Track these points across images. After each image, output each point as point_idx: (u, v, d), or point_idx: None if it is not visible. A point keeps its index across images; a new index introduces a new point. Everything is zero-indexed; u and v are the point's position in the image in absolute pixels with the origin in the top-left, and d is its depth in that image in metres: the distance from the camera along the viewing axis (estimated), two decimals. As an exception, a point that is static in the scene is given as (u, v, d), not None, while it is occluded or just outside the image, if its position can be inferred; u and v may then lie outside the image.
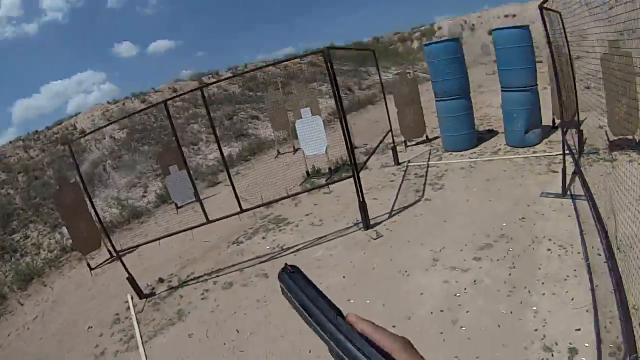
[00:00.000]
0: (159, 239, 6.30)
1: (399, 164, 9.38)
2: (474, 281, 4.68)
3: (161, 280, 6.59)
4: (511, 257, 4.92)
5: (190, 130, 15.06)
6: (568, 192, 5.92)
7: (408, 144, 10.34)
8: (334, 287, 5.20)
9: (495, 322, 4.00)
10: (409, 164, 9.17)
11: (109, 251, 8.01)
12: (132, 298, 6.24)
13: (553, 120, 8.87)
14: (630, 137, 6.84)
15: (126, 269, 6.02)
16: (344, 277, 5.45)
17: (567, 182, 5.98)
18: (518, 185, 6.70)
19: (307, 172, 9.82)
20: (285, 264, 0.61)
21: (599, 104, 7.13)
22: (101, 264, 8.11)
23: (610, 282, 3.89)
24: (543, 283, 4.34)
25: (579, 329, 3.63)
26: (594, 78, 7.00)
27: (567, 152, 6.04)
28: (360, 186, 6.41)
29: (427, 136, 10.39)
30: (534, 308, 4.04)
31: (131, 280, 6.05)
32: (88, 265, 7.89)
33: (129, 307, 6.08)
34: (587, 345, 3.47)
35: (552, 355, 3.46)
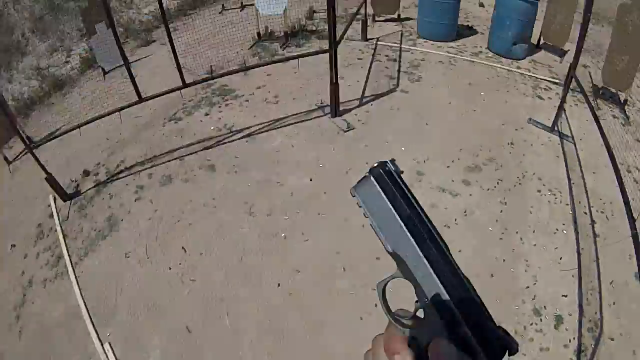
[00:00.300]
0: (78, 126, 5.08)
1: (367, 40, 8.09)
2: (465, 212, 4.35)
3: (86, 173, 5.48)
4: (502, 190, 4.63)
5: None
6: (556, 129, 5.56)
7: (376, 18, 8.94)
8: (298, 192, 4.59)
9: (489, 270, 3.86)
10: (379, 43, 7.97)
11: (23, 140, 6.74)
12: (54, 200, 5.16)
13: (539, 39, 7.81)
14: (617, 91, 6.28)
15: (43, 167, 4.89)
16: (310, 179, 4.75)
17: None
18: (504, 102, 6.14)
19: (259, 33, 8.16)
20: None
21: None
22: (19, 154, 6.83)
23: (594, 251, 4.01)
24: (534, 231, 4.21)
25: (566, 296, 3.66)
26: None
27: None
28: (336, 64, 5.34)
29: (399, 15, 8.92)
30: (526, 260, 3.95)
31: (51, 180, 4.93)
32: (5, 159, 6.61)
33: (52, 215, 5.03)
34: (570, 315, 3.53)
35: (541, 321, 3.49)
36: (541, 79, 6.87)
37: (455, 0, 7.90)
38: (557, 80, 6.74)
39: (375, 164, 0.50)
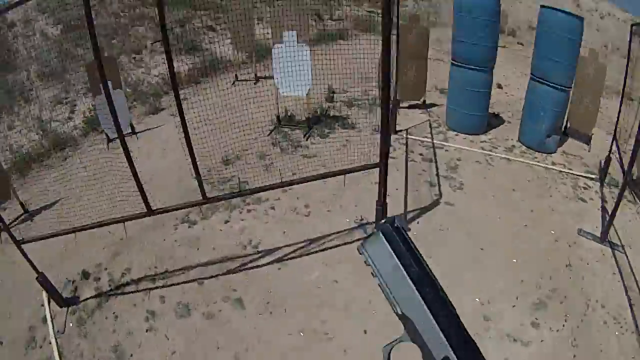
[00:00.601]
0: (74, 231, 4.29)
1: (396, 132, 7.45)
2: (540, 364, 3.73)
3: (86, 276, 4.71)
4: (570, 329, 4.14)
5: (134, 35, 12.44)
6: (607, 239, 5.17)
7: (400, 105, 8.23)
8: (353, 351, 3.86)
9: None
10: (409, 137, 7.41)
11: (22, 204, 6.07)
12: (48, 302, 4.40)
13: (565, 125, 7.45)
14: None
15: (33, 266, 4.14)
16: (365, 331, 4.01)
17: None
18: (550, 211, 5.69)
19: (278, 117, 7.40)
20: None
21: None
22: (13, 222, 6.14)
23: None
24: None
25: None
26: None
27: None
28: (386, 181, 4.72)
29: (424, 100, 8.46)
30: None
31: (43, 282, 4.18)
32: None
33: (46, 319, 4.27)
34: None
35: None
36: (578, 175, 6.53)
37: (487, 89, 7.47)
38: (593, 176, 6.47)
39: (384, 220, 0.52)
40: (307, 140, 7.08)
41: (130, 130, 6.67)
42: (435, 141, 7.24)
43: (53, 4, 11.96)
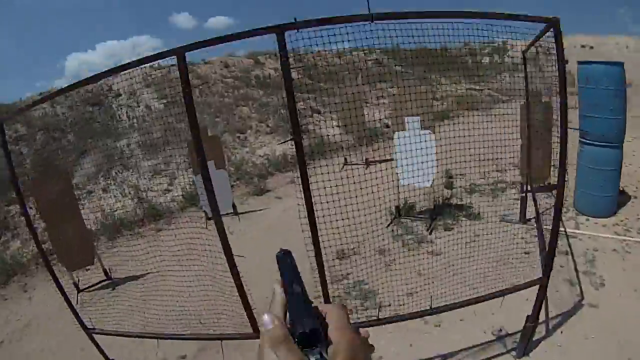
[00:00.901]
0: (155, 337, 3.85)
1: (526, 221, 6.61)
2: None
3: None
4: None
5: (238, 114, 12.78)
6: None
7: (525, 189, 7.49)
8: None
9: None
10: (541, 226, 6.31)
11: (105, 271, 5.88)
12: None
13: None
14: None
15: (103, 353, 3.80)
16: None
17: None
18: None
19: (397, 207, 6.81)
20: (281, 249, 0.72)
21: None
22: (91, 286, 5.96)
23: None
24: None
25: None
26: None
27: None
28: (543, 299, 3.85)
29: (549, 183, 7.44)
30: None
31: None
32: (75, 285, 5.76)
33: None
34: None
35: None
36: None
37: (619, 166, 6.57)
38: None
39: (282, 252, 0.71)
40: (430, 234, 6.41)
41: (232, 211, 6.42)
42: (567, 230, 6.26)
43: (158, 79, 12.72)
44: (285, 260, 0.69)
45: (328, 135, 11.90)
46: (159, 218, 7.47)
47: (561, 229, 6.12)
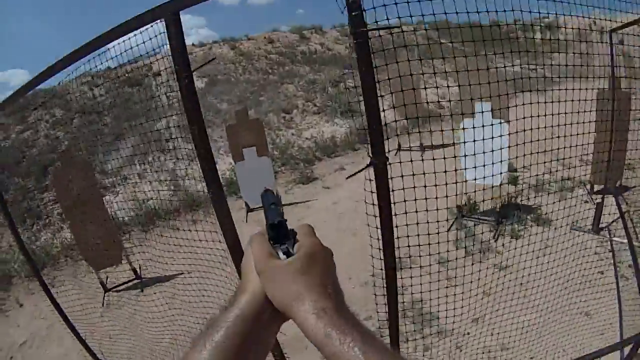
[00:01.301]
0: None
1: (599, 231, 5.61)
2: None
3: None
4: None
5: (284, 92, 11.97)
6: None
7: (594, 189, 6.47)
8: None
9: None
10: (614, 239, 5.48)
11: (134, 270, 5.26)
12: None
13: None
14: None
15: None
16: None
17: None
18: None
19: (459, 207, 6.02)
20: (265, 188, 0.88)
21: None
22: (119, 286, 5.37)
23: None
24: None
25: None
26: None
27: None
28: None
29: (620, 184, 6.25)
30: None
31: None
32: (102, 284, 5.20)
33: None
34: None
35: None
36: None
37: None
38: None
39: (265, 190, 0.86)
40: (496, 241, 5.62)
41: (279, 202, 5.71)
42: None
43: (199, 59, 12.06)
44: (265, 196, 0.83)
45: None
46: (197, 208, 6.78)
47: (637, 243, 5.12)
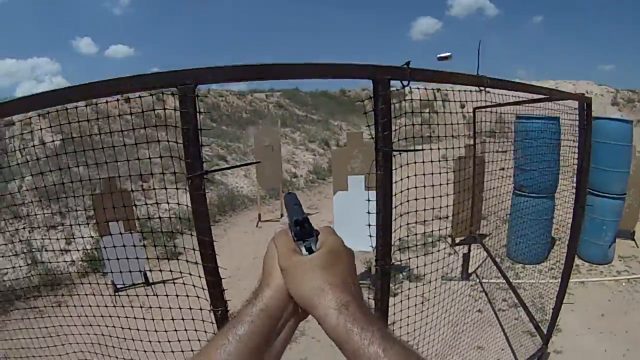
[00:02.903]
0: None
1: (468, 277, 6.37)
2: None
3: None
4: None
5: (141, 158, 11.59)
6: None
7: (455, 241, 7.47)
8: None
9: None
10: (484, 281, 6.38)
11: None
12: None
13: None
14: None
15: None
16: None
17: None
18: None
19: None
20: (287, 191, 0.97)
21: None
22: None
23: None
24: None
25: None
26: None
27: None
28: None
29: (479, 234, 7.28)
30: None
31: None
32: None
33: None
34: None
35: None
36: None
37: (551, 216, 6.88)
38: None
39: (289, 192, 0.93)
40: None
41: (143, 280, 5.67)
42: (510, 281, 6.23)
43: (55, 112, 11.30)
44: (289, 197, 0.85)
45: (237, 188, 11.34)
46: (58, 287, 6.35)
47: (502, 280, 6.20)
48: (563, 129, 5.67)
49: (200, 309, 2.18)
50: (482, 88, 2.24)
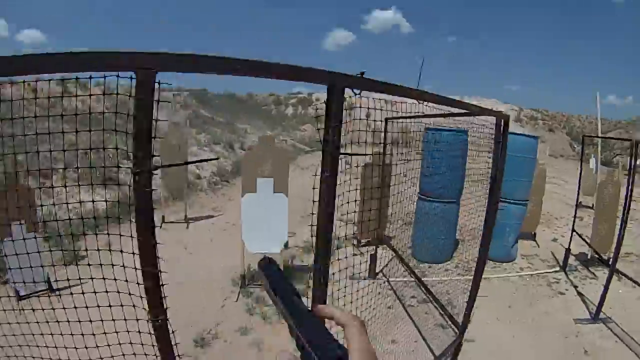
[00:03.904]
0: None
1: (375, 276, 6.63)
2: None
3: None
4: None
5: (43, 154, 10.72)
6: (600, 317, 5.64)
7: (361, 242, 7.78)
8: None
9: None
10: (392, 280, 6.65)
11: None
12: None
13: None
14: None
15: None
16: None
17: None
18: (545, 314, 5.94)
19: (243, 275, 6.06)
20: (264, 256, 0.68)
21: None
22: None
23: None
24: None
25: None
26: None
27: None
28: None
29: (381, 236, 7.54)
30: None
31: None
32: None
33: None
34: None
35: None
36: (546, 273, 7.28)
37: (455, 219, 7.37)
38: (557, 268, 7.44)
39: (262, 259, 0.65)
40: None
41: (47, 287, 5.32)
42: (416, 278, 6.58)
43: None
44: (270, 269, 0.64)
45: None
46: None
47: (411, 279, 6.51)
48: (470, 139, 6.12)
49: (124, 319, 2.07)
50: (421, 102, 2.42)
